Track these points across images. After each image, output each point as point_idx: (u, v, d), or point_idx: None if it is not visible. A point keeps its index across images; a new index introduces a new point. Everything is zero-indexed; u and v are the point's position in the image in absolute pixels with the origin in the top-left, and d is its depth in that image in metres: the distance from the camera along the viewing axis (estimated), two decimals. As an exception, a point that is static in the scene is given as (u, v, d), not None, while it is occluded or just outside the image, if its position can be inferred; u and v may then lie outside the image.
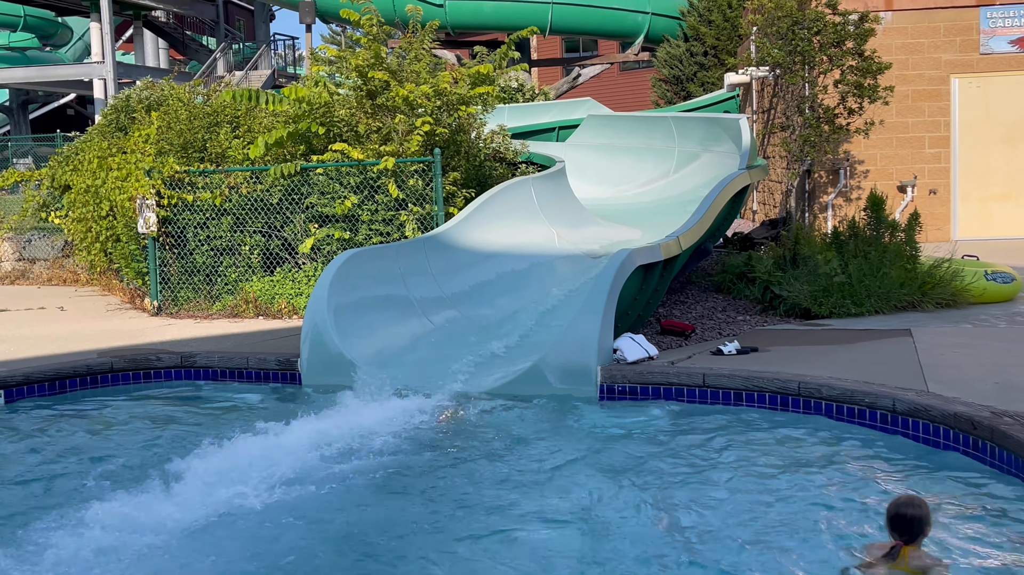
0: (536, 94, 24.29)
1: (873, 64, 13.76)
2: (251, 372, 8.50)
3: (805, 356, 7.78)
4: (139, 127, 12.74)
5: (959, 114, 15.13)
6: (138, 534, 4.89)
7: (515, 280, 9.89)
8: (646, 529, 4.93)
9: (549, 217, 11.20)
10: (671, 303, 10.49)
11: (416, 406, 7.14)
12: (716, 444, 6.20)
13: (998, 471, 5.43)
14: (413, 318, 8.85)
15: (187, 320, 10.96)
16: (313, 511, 5.26)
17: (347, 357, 7.88)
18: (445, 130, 11.20)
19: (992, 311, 9.53)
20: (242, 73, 28.55)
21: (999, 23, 14.96)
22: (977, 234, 15.11)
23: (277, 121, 11.83)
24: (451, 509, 5.31)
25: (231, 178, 11.20)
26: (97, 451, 6.59)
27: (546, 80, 35.89)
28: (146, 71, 26.79)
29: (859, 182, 15.14)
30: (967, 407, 5.94)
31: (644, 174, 14.67)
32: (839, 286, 9.62)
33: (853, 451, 5.94)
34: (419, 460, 6.12)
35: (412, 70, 11.74)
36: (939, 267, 10.03)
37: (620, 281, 7.76)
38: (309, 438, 6.30)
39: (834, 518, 4.95)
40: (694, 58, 25.48)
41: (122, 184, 11.78)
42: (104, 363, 8.58)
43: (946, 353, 7.67)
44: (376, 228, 10.82)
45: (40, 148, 28.71)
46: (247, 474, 5.67)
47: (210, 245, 11.31)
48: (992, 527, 4.74)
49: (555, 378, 7.44)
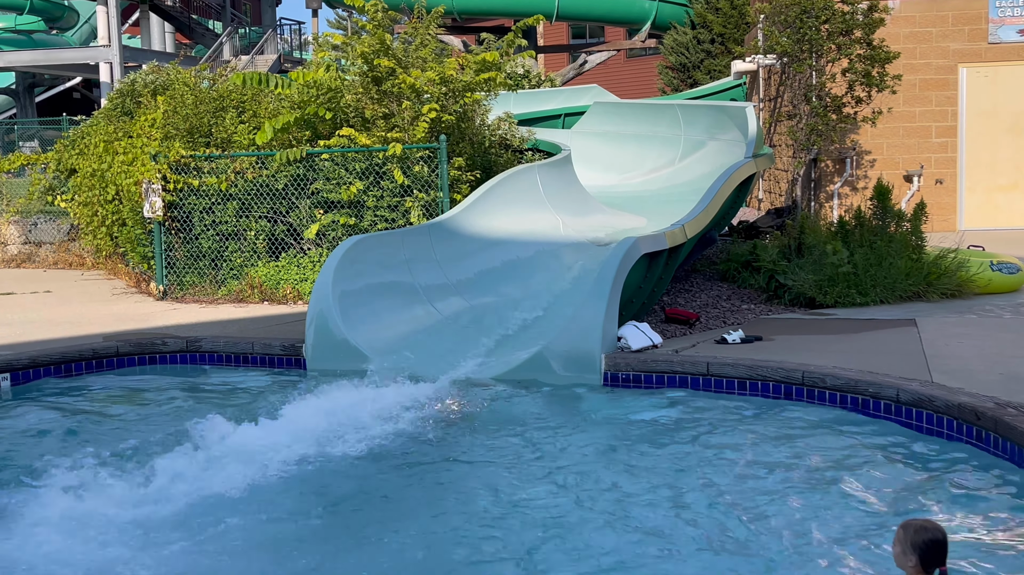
0: (542, 80, 24.22)
1: (881, 53, 13.71)
2: (256, 357, 8.52)
3: (809, 345, 7.78)
4: (145, 111, 12.73)
5: (966, 104, 15.08)
6: (139, 514, 4.93)
7: (520, 268, 9.90)
8: (647, 516, 4.94)
9: (554, 204, 11.19)
10: (676, 291, 10.48)
11: (420, 392, 7.16)
12: (719, 433, 6.21)
13: (1002, 461, 5.43)
14: (418, 305, 8.86)
15: (192, 305, 10.98)
16: (311, 495, 5.31)
17: (352, 343, 7.90)
18: (451, 117, 11.19)
19: (997, 302, 9.52)
20: (248, 57, 28.47)
21: (1008, 12, 14.88)
22: (983, 224, 15.07)
23: (282, 107, 11.82)
24: (451, 495, 5.33)
25: (237, 163, 11.20)
26: (101, 435, 6.61)
27: (552, 66, 35.80)
28: (152, 55, 26.72)
29: (865, 171, 15.10)
30: (971, 398, 5.94)
31: (650, 162, 14.65)
32: (844, 276, 9.61)
33: (857, 441, 5.94)
34: (423, 446, 6.15)
35: (418, 56, 11.72)
36: (945, 257, 10.01)
37: (625, 269, 7.76)
38: (313, 423, 6.33)
39: (836, 507, 4.96)
40: (701, 46, 25.39)
41: (128, 168, 11.79)
42: (110, 347, 8.61)
43: (951, 343, 7.67)
44: (381, 214, 10.82)
45: (46, 132, 28.72)
46: (248, 458, 5.71)
47: (216, 230, 11.32)
48: (995, 517, 4.75)
49: (559, 365, 7.45)
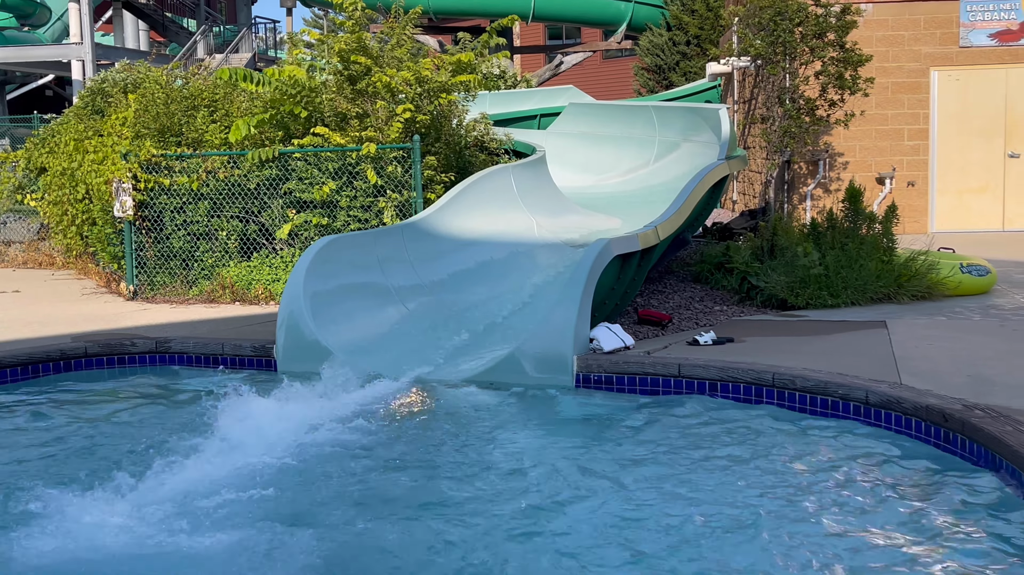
0: (518, 81, 24.22)
1: (854, 56, 13.80)
2: (226, 358, 8.45)
3: (781, 347, 7.81)
4: (116, 110, 12.63)
5: (938, 107, 15.20)
6: (104, 520, 4.87)
7: (494, 268, 9.88)
8: (616, 517, 4.94)
9: (529, 205, 11.18)
10: (649, 292, 10.50)
11: (391, 393, 7.14)
12: (690, 434, 6.22)
13: (968, 463, 5.47)
14: (391, 305, 8.82)
15: (163, 305, 10.90)
16: (277, 496, 5.25)
17: (323, 344, 7.85)
18: (426, 117, 11.16)
19: (967, 304, 9.59)
20: (222, 56, 28.30)
21: (979, 16, 15.02)
22: (954, 227, 15.21)
23: (255, 106, 11.75)
24: (419, 496, 5.30)
25: (208, 162, 11.12)
26: (68, 436, 6.54)
27: (529, 67, 35.80)
28: (125, 53, 26.51)
29: (838, 173, 15.19)
30: (939, 400, 5.98)
31: (625, 163, 14.68)
32: (816, 277, 9.66)
33: (826, 442, 5.96)
34: (392, 448, 6.11)
35: (393, 56, 11.68)
36: (915, 259, 10.08)
37: (597, 271, 7.76)
38: (283, 424, 6.28)
39: (805, 508, 4.97)
40: (677, 47, 25.48)
41: (98, 167, 11.68)
42: (78, 348, 8.52)
43: (920, 345, 7.72)
44: (354, 214, 10.78)
45: (17, 129, 28.40)
46: (215, 460, 5.67)
47: (187, 230, 11.24)
48: (961, 519, 4.77)
49: (531, 367, 7.44)
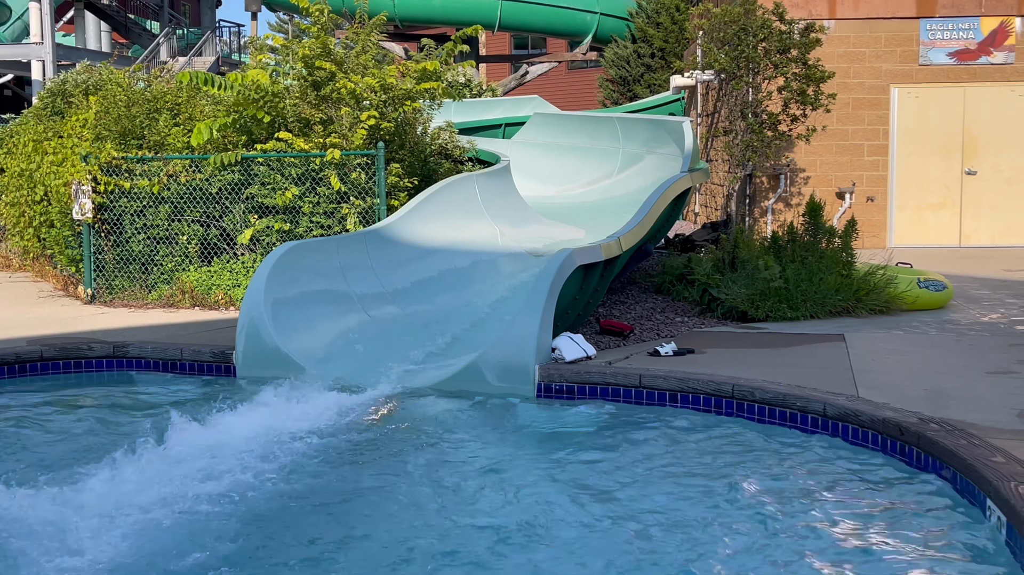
0: (484, 90, 24.24)
1: (816, 72, 13.96)
2: (185, 364, 8.36)
3: (741, 359, 7.87)
4: (76, 111, 12.48)
5: (898, 123, 15.42)
6: (62, 526, 4.79)
7: (457, 277, 9.87)
8: (576, 529, 4.94)
9: (493, 215, 11.19)
10: (611, 303, 10.54)
11: (351, 401, 7.10)
12: (650, 444, 6.24)
13: (924, 475, 5.53)
14: (352, 313, 8.78)
15: (121, 309, 10.76)
16: (231, 510, 5.16)
17: (283, 351, 7.80)
18: (390, 124, 11.14)
19: (924, 318, 9.72)
20: (186, 59, 28.08)
21: (938, 35, 15.26)
22: (912, 242, 15.43)
23: (218, 110, 11.66)
24: (378, 507, 5.27)
25: (170, 166, 11.02)
26: (22, 442, 6.44)
27: (494, 76, 35.85)
28: (87, 54, 26.21)
29: (799, 188, 15.35)
30: (895, 413, 6.05)
31: (588, 174, 14.74)
32: (776, 291, 9.74)
33: (784, 454, 6.01)
34: (350, 456, 6.08)
35: (358, 62, 11.65)
36: (874, 274, 10.20)
37: (560, 281, 7.78)
38: (239, 432, 6.21)
39: (759, 520, 5.00)
40: (641, 59, 25.64)
41: (57, 169, 11.53)
42: (33, 351, 8.39)
43: (878, 359, 7.81)
44: (317, 220, 10.72)
45: (-25, 129, 27.96)
46: (170, 469, 5.59)
47: (147, 233, 11.12)
48: (917, 532, 4.83)
49: (493, 376, 7.43)
